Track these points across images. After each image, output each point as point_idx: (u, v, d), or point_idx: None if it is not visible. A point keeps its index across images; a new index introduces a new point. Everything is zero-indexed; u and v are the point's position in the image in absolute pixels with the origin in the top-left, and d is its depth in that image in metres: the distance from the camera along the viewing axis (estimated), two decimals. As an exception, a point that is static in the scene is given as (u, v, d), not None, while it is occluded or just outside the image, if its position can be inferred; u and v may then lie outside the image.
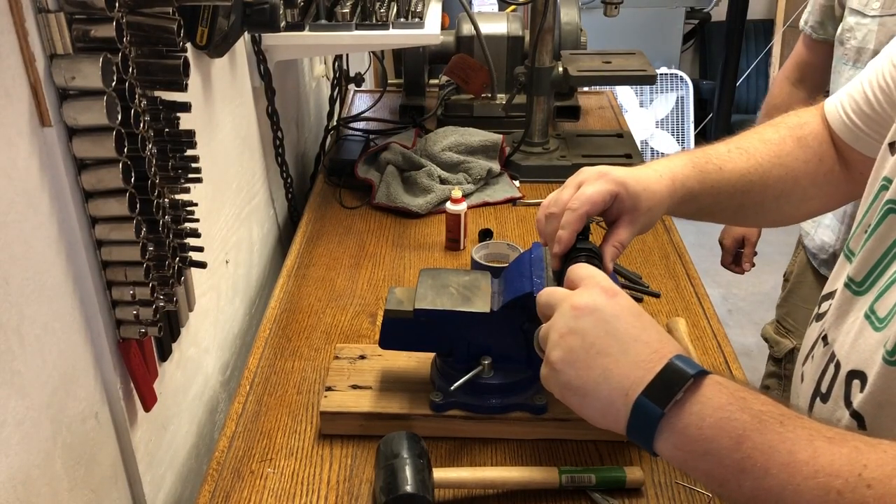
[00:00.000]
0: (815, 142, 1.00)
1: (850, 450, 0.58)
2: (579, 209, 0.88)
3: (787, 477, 0.58)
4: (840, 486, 0.56)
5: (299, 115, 1.96)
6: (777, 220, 1.06)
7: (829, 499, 0.56)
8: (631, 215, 0.91)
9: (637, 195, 0.90)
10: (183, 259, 0.97)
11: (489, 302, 1.00)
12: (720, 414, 0.62)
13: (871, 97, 0.92)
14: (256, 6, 1.22)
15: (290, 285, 1.40)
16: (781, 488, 0.58)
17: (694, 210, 0.98)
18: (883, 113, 0.91)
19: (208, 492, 0.97)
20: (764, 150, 0.99)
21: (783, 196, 1.00)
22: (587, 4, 3.36)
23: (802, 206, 1.03)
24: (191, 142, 0.96)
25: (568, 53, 1.88)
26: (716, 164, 0.97)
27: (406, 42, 1.61)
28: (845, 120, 0.96)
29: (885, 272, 0.79)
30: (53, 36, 0.73)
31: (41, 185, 0.75)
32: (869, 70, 0.93)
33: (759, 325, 3.41)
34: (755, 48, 4.70)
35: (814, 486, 0.57)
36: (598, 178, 0.90)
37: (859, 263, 0.82)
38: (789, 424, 0.60)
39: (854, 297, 0.83)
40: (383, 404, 1.04)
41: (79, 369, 0.83)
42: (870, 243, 0.81)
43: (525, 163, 1.80)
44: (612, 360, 0.67)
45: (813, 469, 0.57)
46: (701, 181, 0.95)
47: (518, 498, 0.96)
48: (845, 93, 0.97)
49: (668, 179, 0.93)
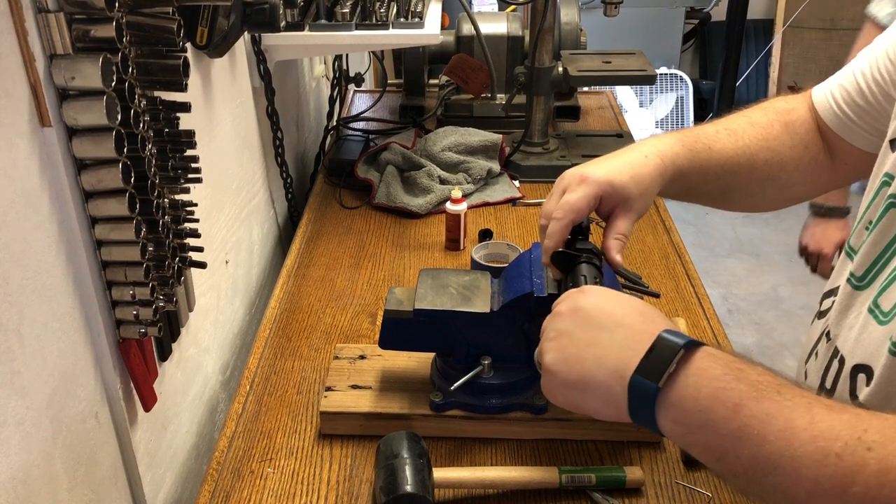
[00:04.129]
0: (801, 128, 0.99)
1: (850, 416, 0.57)
2: (563, 219, 0.89)
3: (784, 444, 0.57)
4: (839, 449, 0.55)
5: (299, 115, 1.96)
6: (760, 205, 1.06)
7: (827, 462, 0.55)
8: (624, 205, 0.91)
9: (624, 186, 0.90)
10: (183, 259, 0.97)
11: (489, 302, 1.00)
12: (716, 384, 0.61)
13: (865, 89, 0.91)
14: (256, 6, 1.22)
15: (290, 285, 1.40)
16: (779, 455, 0.57)
17: (682, 189, 0.97)
18: (877, 105, 0.90)
19: (208, 492, 0.97)
20: (752, 133, 0.99)
21: (769, 179, 0.99)
22: (587, 4, 3.36)
23: (786, 192, 1.03)
24: (191, 142, 0.96)
25: (568, 53, 1.88)
26: (704, 143, 0.97)
27: (406, 42, 1.61)
28: (836, 110, 0.95)
29: (888, 266, 0.78)
30: (53, 36, 0.73)
31: (41, 185, 0.75)
32: (862, 60, 0.92)
33: (759, 325, 3.42)
34: (755, 48, 4.70)
35: (812, 451, 0.56)
36: (580, 184, 0.90)
37: (861, 259, 0.82)
38: (787, 393, 0.60)
39: (856, 291, 0.83)
40: (383, 404, 1.04)
41: (79, 369, 0.83)
42: (871, 238, 0.81)
43: (525, 163, 1.81)
44: (601, 347, 0.68)
45: (811, 434, 0.57)
46: (690, 159, 0.95)
47: (518, 498, 0.96)
48: (836, 82, 0.96)
49: (656, 159, 0.93)
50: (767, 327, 3.35)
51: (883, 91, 0.88)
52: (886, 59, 0.87)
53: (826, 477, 0.55)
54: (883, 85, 0.88)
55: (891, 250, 0.79)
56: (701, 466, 1.00)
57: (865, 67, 0.91)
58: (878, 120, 0.90)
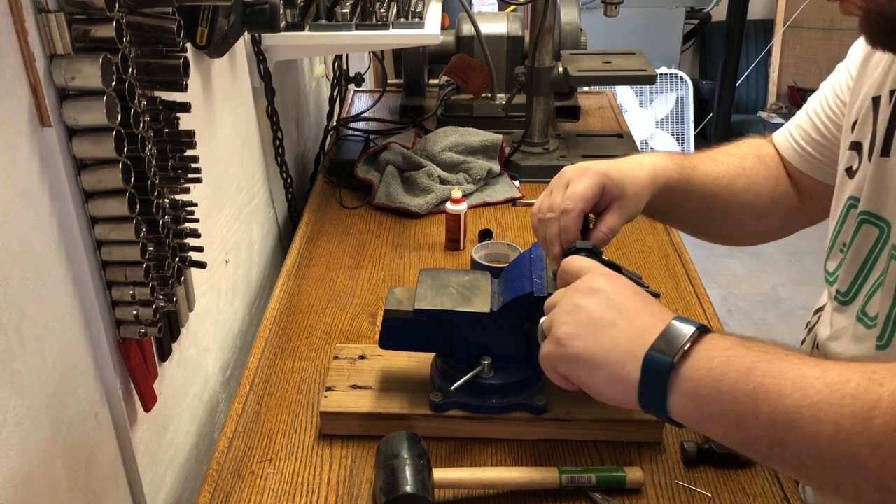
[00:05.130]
0: (772, 162, 1.07)
1: (857, 364, 0.59)
2: (574, 209, 0.91)
3: (800, 395, 0.59)
4: (853, 389, 0.57)
5: (299, 115, 1.96)
6: (738, 235, 1.13)
7: (843, 404, 0.57)
8: (619, 202, 0.94)
9: (622, 182, 0.94)
10: (183, 259, 0.97)
11: (489, 302, 1.00)
12: (727, 353, 0.64)
13: (820, 125, 1.00)
14: (256, 6, 1.22)
15: (290, 285, 1.40)
16: (797, 406, 0.59)
17: (668, 204, 1.01)
18: (832, 138, 0.98)
19: (208, 492, 0.97)
20: (729, 161, 1.06)
21: (746, 207, 1.06)
22: (587, 4, 3.36)
23: (762, 223, 1.09)
24: (191, 142, 0.96)
25: (568, 53, 1.88)
26: (690, 161, 1.04)
27: (406, 42, 1.61)
28: (797, 148, 1.03)
29: (869, 279, 0.84)
30: (53, 36, 0.73)
31: (41, 185, 0.75)
32: (813, 101, 1.02)
33: (759, 325, 3.43)
34: (755, 48, 4.70)
35: (828, 395, 0.58)
36: (583, 174, 0.93)
37: (843, 277, 0.88)
38: (794, 354, 0.62)
39: (843, 306, 0.88)
40: (383, 404, 1.04)
41: (79, 369, 0.83)
42: (849, 256, 0.87)
43: (525, 163, 1.80)
44: (619, 329, 0.70)
45: (824, 382, 0.58)
46: (679, 173, 1.01)
47: (518, 498, 0.96)
48: (793, 124, 1.06)
49: (648, 167, 0.98)
50: (767, 327, 3.35)
51: (835, 124, 0.97)
52: (834, 95, 0.97)
53: (845, 417, 0.56)
54: (834, 119, 0.97)
55: (870, 262, 0.84)
56: (701, 466, 1.00)
57: (817, 106, 1.00)
58: (834, 152, 0.97)
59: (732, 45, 4.18)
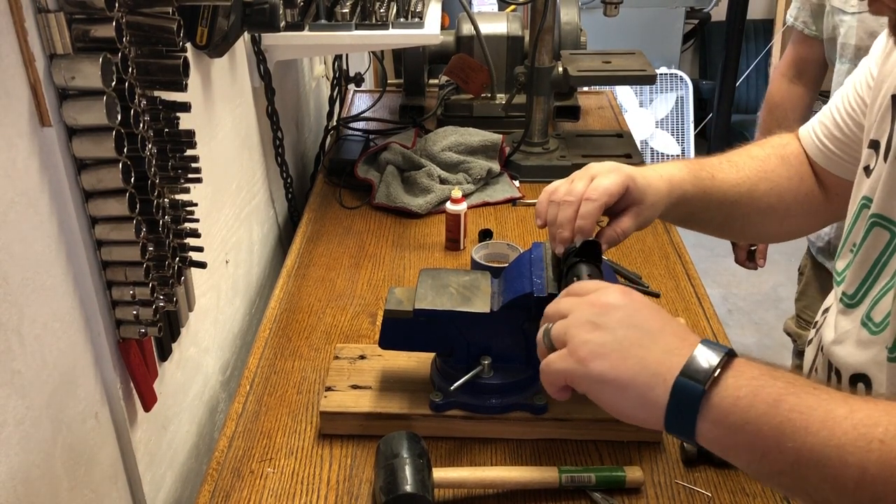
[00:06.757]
0: (796, 161, 1.06)
1: (885, 404, 0.59)
2: (598, 200, 0.92)
3: (827, 434, 0.58)
4: (881, 434, 0.56)
5: (299, 115, 1.96)
6: (761, 236, 1.12)
7: (871, 448, 0.56)
8: (637, 207, 0.95)
9: (644, 189, 0.95)
10: (183, 259, 0.97)
11: (489, 302, 1.00)
12: (755, 383, 0.63)
13: (841, 122, 0.98)
14: (256, 6, 1.22)
15: (290, 285, 1.40)
16: (823, 446, 0.58)
17: (685, 214, 1.02)
18: (853, 136, 0.97)
19: (208, 492, 0.97)
20: (752, 165, 1.05)
21: (769, 210, 1.05)
22: (587, 4, 3.36)
23: (785, 223, 1.08)
24: (191, 142, 0.96)
25: (568, 53, 1.88)
26: (708, 171, 1.02)
27: (406, 42, 1.61)
28: (819, 145, 1.02)
29: (877, 283, 0.83)
30: (53, 36, 0.73)
31: (41, 185, 0.75)
32: (836, 98, 1.01)
33: (759, 325, 3.42)
34: (755, 48, 4.70)
35: (855, 438, 0.57)
36: (611, 171, 0.94)
37: (850, 278, 0.87)
38: (822, 390, 0.61)
39: (848, 309, 0.87)
40: (383, 404, 1.04)
41: (79, 369, 0.83)
42: (858, 258, 0.86)
43: (525, 163, 1.80)
44: (645, 350, 0.68)
45: (852, 423, 0.58)
46: (694, 185, 1.00)
47: (518, 498, 0.96)
48: (817, 120, 1.04)
49: (666, 180, 0.98)
50: (767, 327, 3.35)
51: (855, 122, 0.96)
52: (854, 93, 0.96)
53: (872, 462, 0.56)
54: (854, 116, 0.96)
55: (878, 266, 0.83)
56: (701, 466, 1.00)
57: (839, 103, 0.99)
58: (855, 150, 0.96)
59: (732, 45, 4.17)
